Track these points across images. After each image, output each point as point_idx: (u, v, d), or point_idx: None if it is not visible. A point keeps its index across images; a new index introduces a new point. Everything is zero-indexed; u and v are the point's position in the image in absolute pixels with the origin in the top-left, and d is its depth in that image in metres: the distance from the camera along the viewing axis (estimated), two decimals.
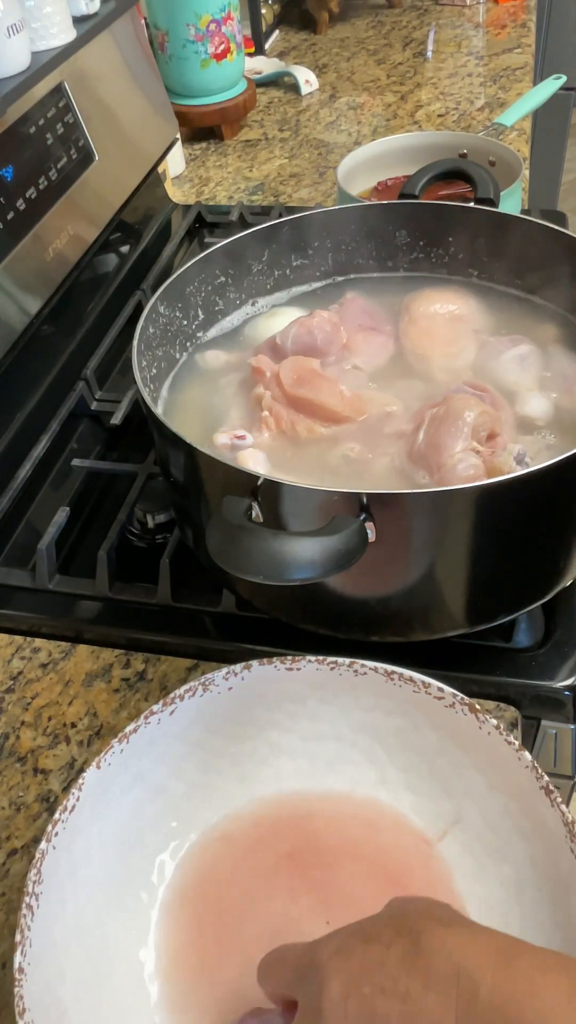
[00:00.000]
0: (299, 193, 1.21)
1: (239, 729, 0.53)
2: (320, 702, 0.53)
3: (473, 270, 0.74)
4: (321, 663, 0.52)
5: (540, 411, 0.62)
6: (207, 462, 0.52)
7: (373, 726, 0.53)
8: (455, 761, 0.51)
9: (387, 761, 0.53)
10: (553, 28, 2.13)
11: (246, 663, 0.52)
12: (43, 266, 0.80)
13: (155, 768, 0.51)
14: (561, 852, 0.44)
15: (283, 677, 0.52)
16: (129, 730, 0.49)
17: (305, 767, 0.54)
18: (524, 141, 1.25)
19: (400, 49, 1.59)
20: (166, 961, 0.48)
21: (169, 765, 0.52)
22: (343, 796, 0.53)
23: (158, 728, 0.50)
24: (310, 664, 0.52)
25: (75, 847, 0.47)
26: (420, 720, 0.51)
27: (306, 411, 0.62)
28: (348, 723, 0.53)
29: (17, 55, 0.77)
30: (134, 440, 0.84)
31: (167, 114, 1.09)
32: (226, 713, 0.52)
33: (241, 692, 0.52)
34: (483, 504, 0.49)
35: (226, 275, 0.72)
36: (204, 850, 0.52)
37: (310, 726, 0.53)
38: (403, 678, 0.51)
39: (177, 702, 0.51)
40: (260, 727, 0.54)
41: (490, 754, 0.48)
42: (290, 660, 0.52)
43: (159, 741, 0.51)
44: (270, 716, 0.53)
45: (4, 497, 0.75)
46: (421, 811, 0.52)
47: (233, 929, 0.49)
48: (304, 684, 0.52)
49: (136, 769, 0.50)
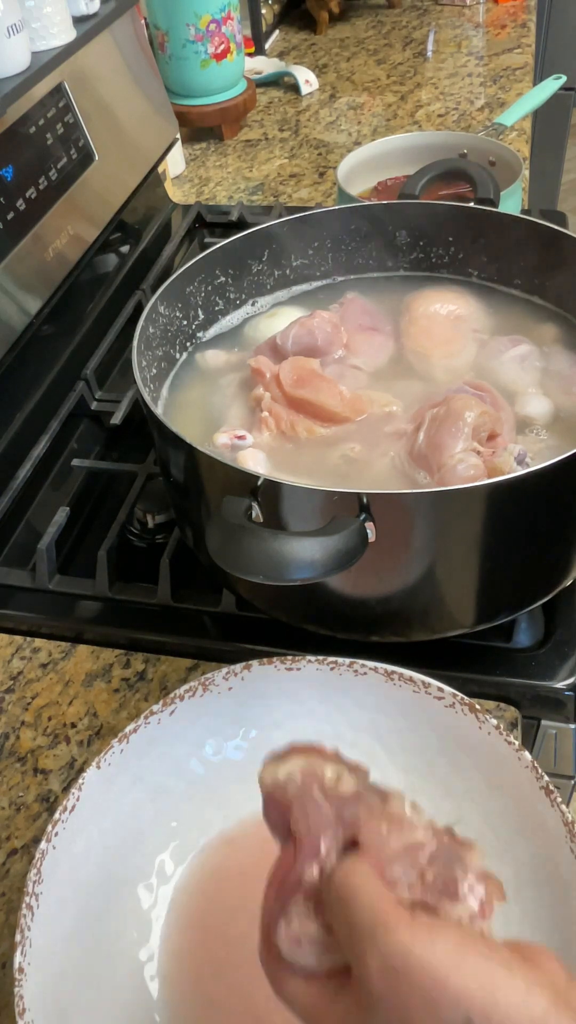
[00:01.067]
0: (299, 193, 1.21)
1: (238, 728, 0.53)
2: (320, 702, 0.53)
3: (473, 270, 0.74)
4: (321, 663, 0.52)
5: (540, 411, 0.62)
6: (207, 462, 0.52)
7: (373, 726, 0.53)
8: (455, 761, 0.51)
9: (387, 761, 0.53)
10: (553, 28, 2.13)
11: (246, 663, 0.52)
12: (43, 266, 0.80)
13: (155, 768, 0.51)
14: (561, 852, 0.44)
15: (283, 677, 0.52)
16: (129, 730, 0.49)
17: None
18: (524, 141, 1.25)
19: (400, 49, 1.59)
20: (167, 961, 0.48)
21: (169, 765, 0.52)
22: None
23: (158, 728, 0.50)
24: (310, 664, 0.52)
25: (75, 847, 0.47)
26: (420, 720, 0.51)
27: (305, 412, 0.62)
28: (348, 723, 0.53)
29: (17, 55, 0.77)
30: (134, 440, 0.84)
31: (167, 114, 1.09)
32: (226, 713, 0.52)
33: (241, 692, 0.52)
34: (483, 504, 0.49)
35: (226, 275, 0.72)
36: (205, 851, 0.52)
37: (310, 725, 0.53)
38: (403, 678, 0.51)
39: (177, 702, 0.51)
40: (260, 727, 0.53)
41: (490, 754, 0.48)
42: (290, 660, 0.52)
43: (159, 741, 0.51)
44: (270, 715, 0.53)
45: (4, 497, 0.75)
46: None
47: (234, 930, 0.49)
48: (304, 684, 0.52)
49: (136, 769, 0.50)
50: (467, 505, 0.49)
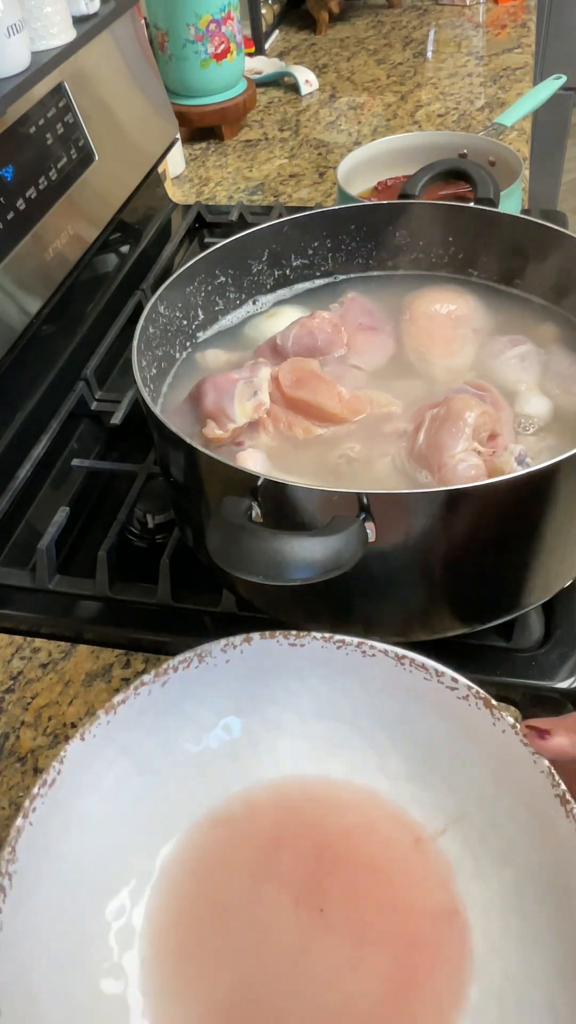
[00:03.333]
0: (299, 193, 1.21)
1: (234, 704, 0.51)
2: (322, 680, 0.51)
3: (473, 270, 0.74)
4: (327, 641, 0.49)
5: (540, 411, 0.62)
6: (207, 462, 0.52)
7: (378, 710, 0.50)
8: (462, 755, 0.49)
9: (390, 748, 0.51)
10: (553, 28, 2.13)
11: (246, 635, 0.49)
12: (43, 266, 0.80)
13: (143, 742, 0.48)
14: (571, 864, 0.43)
15: (285, 652, 0.50)
16: (117, 700, 0.47)
17: (303, 748, 0.52)
18: (524, 141, 1.25)
19: (400, 49, 1.59)
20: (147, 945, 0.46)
21: (158, 739, 0.49)
22: (341, 782, 0.51)
23: (148, 700, 0.48)
24: (315, 641, 0.49)
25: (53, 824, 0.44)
26: (428, 709, 0.49)
27: (304, 412, 0.62)
28: (352, 704, 0.51)
29: (17, 55, 0.77)
30: (134, 440, 0.84)
31: (167, 114, 1.09)
32: (222, 686, 0.50)
33: (239, 665, 0.49)
34: (484, 504, 0.49)
35: (226, 275, 0.72)
36: (192, 833, 0.50)
37: (310, 704, 0.51)
38: (415, 664, 0.48)
39: (170, 673, 0.48)
40: (257, 703, 0.51)
41: (502, 753, 0.46)
42: (294, 635, 0.49)
43: (149, 712, 0.48)
44: (269, 692, 0.51)
45: (4, 497, 0.75)
46: (422, 803, 0.50)
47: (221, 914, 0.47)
48: (307, 661, 0.50)
49: (123, 742, 0.48)
50: (467, 505, 0.49)
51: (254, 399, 0.61)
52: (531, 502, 0.51)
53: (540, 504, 0.51)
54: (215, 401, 0.61)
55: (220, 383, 0.61)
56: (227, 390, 0.61)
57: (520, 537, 0.53)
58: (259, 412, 0.61)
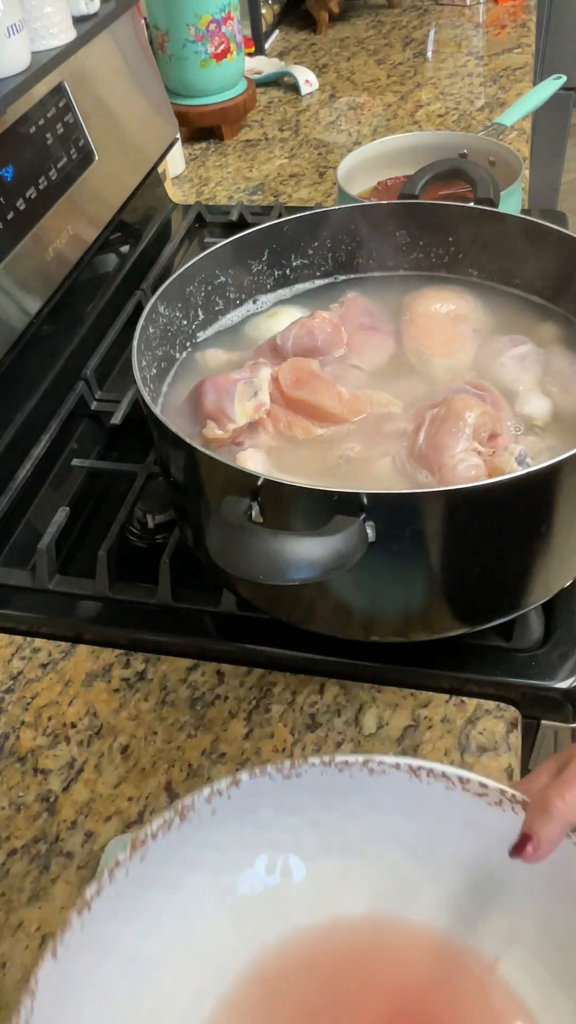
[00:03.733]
0: (299, 193, 1.21)
1: (226, 859, 0.44)
2: (324, 810, 0.44)
3: (473, 270, 0.74)
4: (328, 765, 0.42)
5: (540, 411, 0.62)
6: (207, 462, 0.52)
7: (393, 832, 0.44)
8: (502, 867, 0.41)
9: (410, 870, 0.44)
10: (553, 28, 2.13)
11: (233, 777, 0.42)
12: (43, 266, 0.80)
13: (124, 933, 0.40)
14: None
15: (279, 788, 0.43)
16: (91, 894, 0.39)
17: (310, 891, 0.45)
18: (524, 141, 1.25)
19: (400, 49, 1.59)
20: None
21: (143, 925, 0.41)
22: (359, 922, 0.44)
23: (126, 881, 0.40)
24: (313, 768, 0.42)
25: None
26: (453, 821, 0.42)
27: (304, 412, 0.62)
28: (361, 831, 0.44)
29: (17, 55, 0.77)
30: (134, 440, 0.84)
31: (167, 114, 1.09)
32: (210, 843, 0.43)
33: (227, 815, 0.42)
34: (484, 504, 0.49)
35: (226, 275, 0.72)
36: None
37: (311, 838, 0.45)
38: (433, 774, 0.42)
39: (148, 842, 0.40)
40: (253, 852, 0.44)
41: (550, 858, 0.39)
42: (288, 766, 0.42)
43: (128, 896, 0.40)
44: (268, 836, 0.44)
45: (4, 497, 0.75)
46: (463, 931, 0.43)
47: None
48: (305, 793, 0.43)
49: (102, 939, 0.39)
50: (468, 505, 0.49)
51: (254, 399, 0.61)
52: (531, 502, 0.51)
53: (540, 504, 0.51)
54: (215, 401, 0.61)
55: (220, 383, 0.61)
56: (227, 390, 0.61)
57: (520, 537, 0.53)
58: (259, 412, 0.62)
